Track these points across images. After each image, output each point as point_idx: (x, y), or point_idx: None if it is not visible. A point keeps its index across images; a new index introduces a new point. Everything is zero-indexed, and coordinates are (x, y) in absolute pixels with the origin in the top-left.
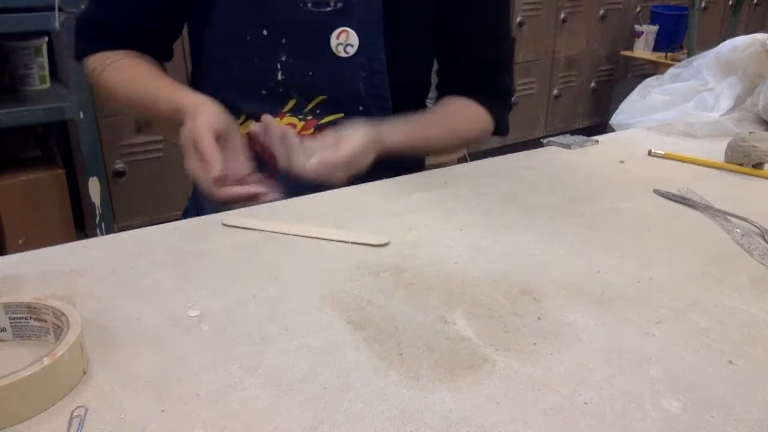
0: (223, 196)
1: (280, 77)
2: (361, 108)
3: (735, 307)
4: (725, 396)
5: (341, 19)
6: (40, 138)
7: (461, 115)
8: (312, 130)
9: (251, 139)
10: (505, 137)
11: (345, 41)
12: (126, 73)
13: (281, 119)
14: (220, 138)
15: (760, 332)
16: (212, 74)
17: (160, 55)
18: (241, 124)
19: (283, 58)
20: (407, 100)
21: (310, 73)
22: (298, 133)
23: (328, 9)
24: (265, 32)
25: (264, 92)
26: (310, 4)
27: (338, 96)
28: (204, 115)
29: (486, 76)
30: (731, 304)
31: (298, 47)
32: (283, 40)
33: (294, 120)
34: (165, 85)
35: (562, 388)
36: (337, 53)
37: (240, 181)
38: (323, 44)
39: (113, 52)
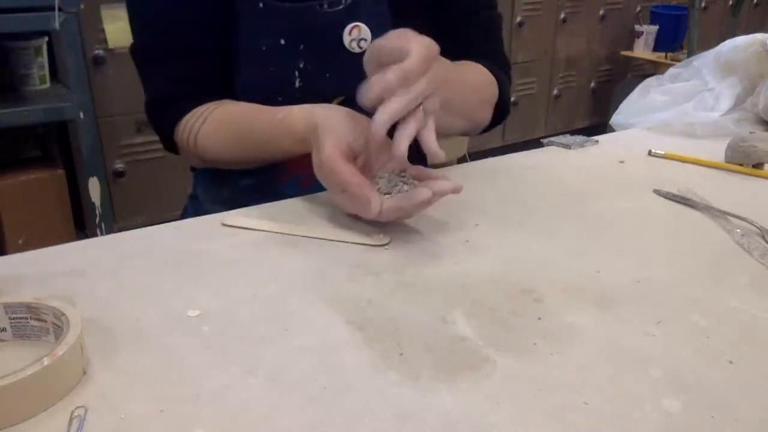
0: (395, 218)
1: (298, 84)
2: None
3: (735, 307)
4: (725, 396)
5: (352, 14)
6: (40, 138)
7: (468, 66)
8: None
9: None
10: (503, 119)
11: (358, 36)
12: (223, 124)
13: None
14: (357, 153)
15: (760, 332)
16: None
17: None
18: None
19: (301, 65)
20: None
21: (327, 75)
22: None
23: (341, 6)
24: (282, 41)
25: (280, 99)
26: (326, 5)
27: (355, 94)
28: (327, 140)
29: (477, 46)
30: (731, 304)
31: (315, 51)
32: (301, 47)
33: None
34: (270, 117)
35: (562, 388)
36: (351, 50)
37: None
38: (338, 43)
39: (196, 111)
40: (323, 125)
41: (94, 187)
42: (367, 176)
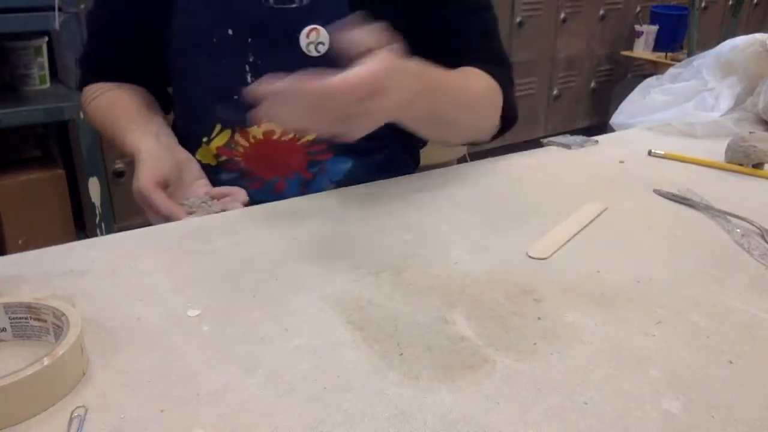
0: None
1: (250, 80)
2: None
3: (735, 307)
4: (725, 396)
5: (309, 16)
6: (40, 138)
7: (468, 72)
8: (292, 134)
9: (233, 152)
10: (513, 124)
11: (316, 40)
12: (103, 110)
13: (258, 126)
14: (168, 184)
15: (760, 332)
16: (185, 82)
17: (160, 99)
18: (217, 135)
19: (251, 59)
20: None
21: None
22: (278, 139)
23: (294, 5)
24: (230, 32)
25: (236, 97)
26: (271, 1)
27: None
28: (145, 169)
29: (476, 46)
30: (731, 304)
31: (266, 47)
32: (249, 40)
33: (273, 126)
34: (125, 123)
35: (562, 388)
36: (308, 53)
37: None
38: (292, 44)
39: (108, 84)
40: (144, 158)
41: (94, 187)
42: (176, 200)
